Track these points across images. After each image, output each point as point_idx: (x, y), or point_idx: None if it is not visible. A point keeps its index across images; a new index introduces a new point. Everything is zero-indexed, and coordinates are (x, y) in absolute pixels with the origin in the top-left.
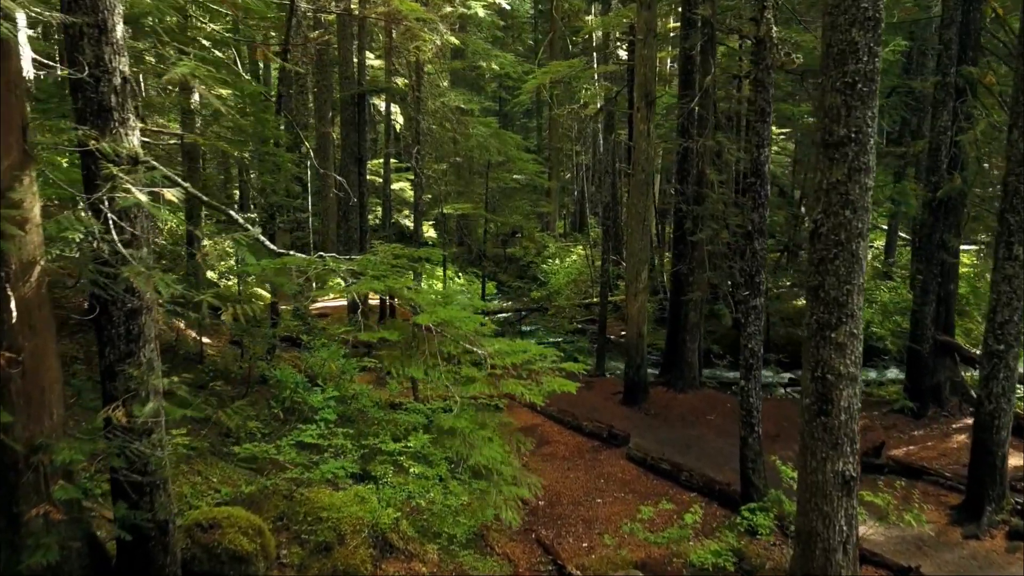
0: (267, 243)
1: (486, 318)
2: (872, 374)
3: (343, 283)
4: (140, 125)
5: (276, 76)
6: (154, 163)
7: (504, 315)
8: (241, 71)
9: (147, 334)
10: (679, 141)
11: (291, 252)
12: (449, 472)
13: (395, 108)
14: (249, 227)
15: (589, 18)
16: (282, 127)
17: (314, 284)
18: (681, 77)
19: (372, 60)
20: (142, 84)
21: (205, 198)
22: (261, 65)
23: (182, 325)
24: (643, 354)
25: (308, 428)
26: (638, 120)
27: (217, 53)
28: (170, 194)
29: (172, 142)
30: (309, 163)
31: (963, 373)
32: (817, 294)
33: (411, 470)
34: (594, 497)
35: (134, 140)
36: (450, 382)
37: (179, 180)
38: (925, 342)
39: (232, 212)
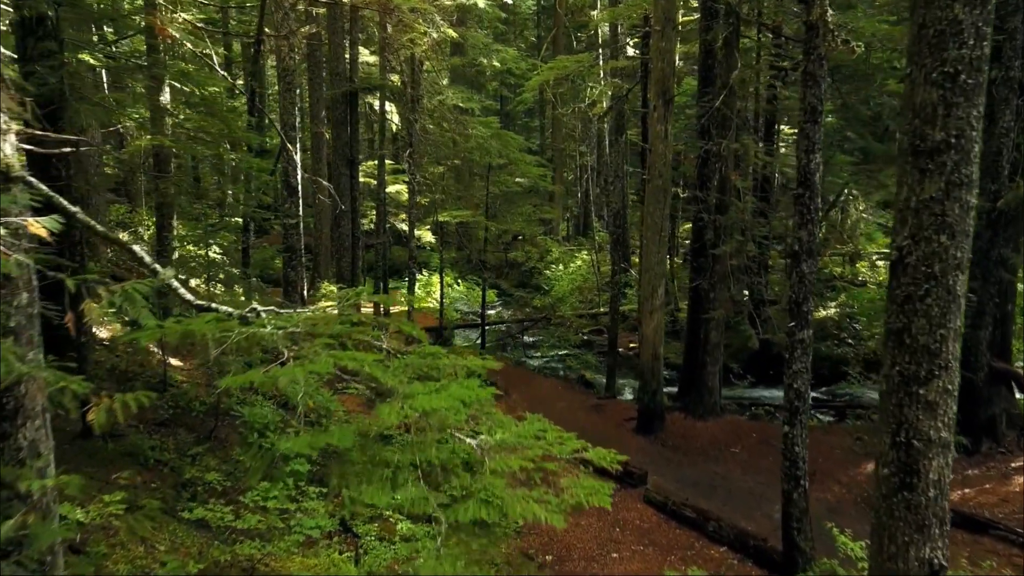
0: (182, 292)
1: (485, 384)
2: None
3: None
4: (18, 128)
5: (273, 73)
6: (32, 179)
7: (505, 326)
8: (216, 66)
9: (29, 407)
10: (699, 143)
11: (212, 304)
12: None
13: (392, 107)
14: (159, 269)
15: (595, 12)
16: (259, 127)
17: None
18: (701, 73)
19: (366, 56)
20: (105, 80)
21: (101, 228)
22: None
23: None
24: (659, 378)
25: (275, 486)
26: (654, 120)
27: (189, 46)
28: (37, 226)
29: (140, 145)
30: (299, 166)
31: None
32: (901, 339)
33: (399, 526)
34: (609, 551)
35: (6, 148)
36: (432, 509)
37: (65, 204)
38: (980, 370)
39: (136, 248)
